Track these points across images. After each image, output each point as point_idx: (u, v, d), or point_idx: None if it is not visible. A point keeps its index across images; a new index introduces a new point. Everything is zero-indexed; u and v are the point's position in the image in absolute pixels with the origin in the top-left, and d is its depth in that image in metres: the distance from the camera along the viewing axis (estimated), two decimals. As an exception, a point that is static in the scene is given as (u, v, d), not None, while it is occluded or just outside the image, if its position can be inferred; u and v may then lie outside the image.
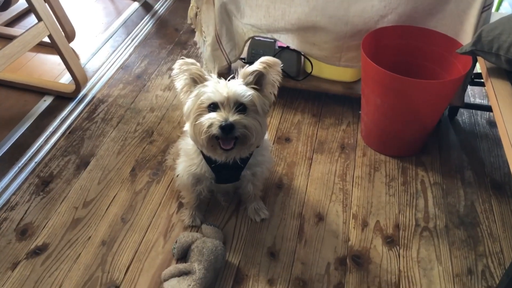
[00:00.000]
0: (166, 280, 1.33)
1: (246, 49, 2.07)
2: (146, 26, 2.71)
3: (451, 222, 1.59)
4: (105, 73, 2.30)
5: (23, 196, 1.64)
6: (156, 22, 2.76)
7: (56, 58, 2.33)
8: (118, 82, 2.23)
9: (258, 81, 1.27)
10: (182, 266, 1.32)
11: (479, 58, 1.52)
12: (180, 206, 1.62)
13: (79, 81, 2.10)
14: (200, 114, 1.24)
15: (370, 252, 1.49)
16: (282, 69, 2.12)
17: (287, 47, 2.02)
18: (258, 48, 2.04)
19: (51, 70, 2.33)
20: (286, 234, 1.54)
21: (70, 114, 2.03)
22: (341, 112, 2.07)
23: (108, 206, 1.61)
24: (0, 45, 1.84)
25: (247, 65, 1.27)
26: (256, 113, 1.26)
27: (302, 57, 2.09)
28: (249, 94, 1.22)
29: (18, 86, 2.17)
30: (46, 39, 1.98)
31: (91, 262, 1.43)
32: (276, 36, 1.92)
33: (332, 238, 1.53)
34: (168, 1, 2.98)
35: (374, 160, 1.83)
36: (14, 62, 1.89)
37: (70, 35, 2.46)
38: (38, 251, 1.46)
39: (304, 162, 1.81)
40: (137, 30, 2.66)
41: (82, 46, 2.53)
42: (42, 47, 2.44)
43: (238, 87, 1.23)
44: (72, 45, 2.46)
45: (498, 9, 2.46)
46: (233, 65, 2.10)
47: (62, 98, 2.12)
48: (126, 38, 2.58)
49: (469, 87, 2.15)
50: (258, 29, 1.91)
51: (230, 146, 1.24)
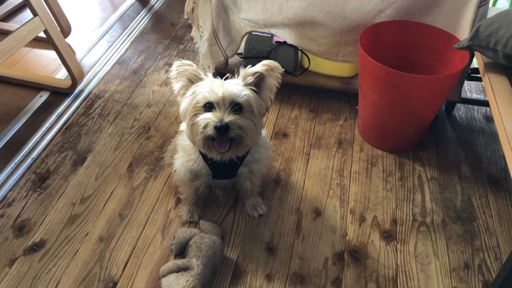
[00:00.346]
0: (164, 276, 1.33)
1: (243, 44, 2.06)
2: (142, 21, 2.69)
3: (448, 217, 1.60)
4: (101, 68, 2.29)
5: (20, 192, 1.64)
6: (152, 17, 2.74)
7: (51, 54, 2.32)
8: (114, 78, 2.22)
9: (257, 83, 1.27)
10: (180, 262, 1.32)
11: (476, 53, 1.52)
12: (178, 201, 1.61)
13: (75, 76, 2.09)
14: (196, 114, 1.24)
15: (367, 247, 1.50)
16: (279, 64, 2.11)
17: (284, 42, 2.01)
18: (255, 43, 2.03)
19: (47, 65, 2.32)
20: (284, 229, 1.54)
21: (66, 110, 2.02)
22: (338, 107, 2.07)
23: (105, 202, 1.61)
24: (-5, 40, 1.83)
25: (249, 66, 1.27)
26: (251, 113, 1.25)
27: (299, 52, 2.09)
28: (244, 94, 1.22)
29: (13, 81, 2.16)
30: (42, 34, 1.97)
31: (89, 258, 1.43)
32: (273, 31, 1.92)
33: (329, 233, 1.53)
34: (164, -5, 2.97)
35: (371, 155, 1.83)
36: (9, 57, 1.87)
37: (65, 30, 2.45)
38: (35, 248, 1.46)
39: (301, 157, 1.82)
40: (133, 25, 2.65)
41: (78, 41, 2.51)
42: (37, 42, 2.42)
43: (234, 87, 1.22)
44: (68, 40, 2.45)
45: (494, 4, 2.46)
46: (233, 64, 2.09)
47: (58, 94, 2.11)
48: (122, 33, 2.57)
49: (465, 82, 2.15)
50: (255, 24, 1.90)
51: (225, 149, 1.24)
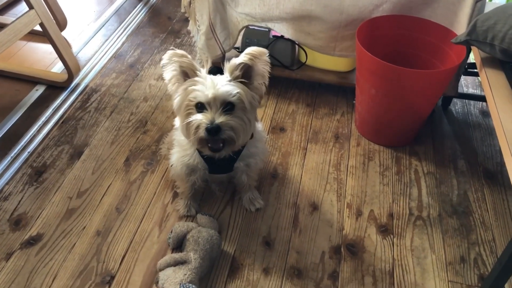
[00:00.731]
0: (161, 269, 1.33)
1: (240, 38, 2.06)
2: (138, 14, 2.68)
3: (444, 211, 1.60)
4: (97, 62, 2.28)
5: (16, 186, 1.63)
6: (149, 10, 2.73)
7: (47, 47, 2.30)
8: (111, 71, 2.21)
9: (246, 73, 1.25)
10: (177, 256, 1.32)
11: (473, 48, 1.52)
12: (175, 196, 1.61)
13: (72, 70, 2.08)
14: (189, 113, 1.24)
15: (364, 241, 1.50)
16: (276, 59, 2.11)
17: (282, 37, 2.01)
18: (253, 37, 2.03)
19: (43, 59, 2.30)
20: (281, 223, 1.55)
21: (62, 104, 2.01)
22: (335, 102, 2.07)
23: (102, 196, 1.61)
24: (-10, 33, 1.81)
25: (233, 57, 1.24)
26: (243, 110, 1.24)
27: (297, 46, 2.09)
28: (236, 93, 1.20)
29: (9, 75, 2.14)
30: (38, 28, 1.95)
31: (86, 252, 1.43)
32: (270, 25, 1.91)
33: (326, 227, 1.54)
34: (160, -11, 2.96)
35: (368, 149, 1.84)
36: (5, 50, 1.86)
37: (61, 24, 2.43)
38: (32, 241, 1.45)
39: (298, 152, 1.82)
40: (129, 19, 2.63)
41: (74, 34, 2.50)
42: (33, 36, 2.40)
43: (225, 87, 1.20)
44: (64, 33, 2.42)
45: (491, -1, 2.46)
46: (230, 58, 2.08)
47: (54, 88, 2.10)
48: (118, 27, 2.56)
49: (462, 77, 2.16)
50: (252, 18, 1.89)
51: (218, 147, 1.24)
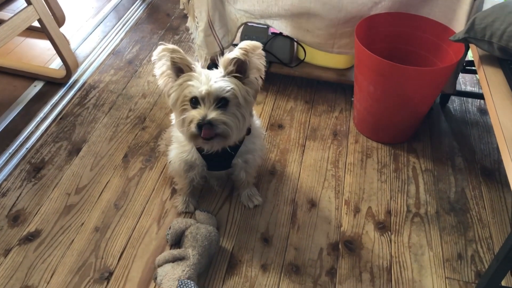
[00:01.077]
0: (160, 265, 1.34)
1: (239, 35, 2.06)
2: (137, 11, 2.67)
3: (442, 208, 1.61)
4: (96, 58, 2.27)
5: (15, 182, 1.63)
6: (147, 7, 2.72)
7: (45, 43, 2.30)
8: (109, 68, 2.21)
9: (241, 67, 1.23)
10: (176, 252, 1.33)
11: (472, 46, 1.53)
12: (173, 192, 1.62)
13: (70, 66, 2.08)
14: (184, 108, 1.24)
15: (362, 237, 1.51)
16: (275, 56, 2.11)
17: (280, 34, 2.01)
18: (251, 34, 2.03)
19: (41, 55, 2.30)
20: (279, 220, 1.55)
21: (61, 100, 2.00)
22: (333, 99, 2.07)
23: (100, 193, 1.61)
24: (-12, 29, 1.81)
25: (226, 51, 1.22)
26: (237, 106, 1.23)
27: (295, 43, 2.09)
28: (230, 89, 1.19)
29: (7, 71, 2.14)
30: (36, 24, 1.95)
31: (85, 248, 1.43)
32: (269, 22, 1.91)
33: (324, 224, 1.54)
34: (159, -15, 2.95)
35: (366, 147, 1.84)
36: (3, 46, 1.86)
37: (60, 20, 2.42)
38: (30, 237, 1.45)
39: (297, 148, 1.82)
40: (128, 15, 2.63)
41: (72, 31, 2.49)
42: (31, 32, 2.40)
43: (218, 82, 1.19)
44: (62, 30, 2.42)
45: (490, -4, 2.46)
46: (225, 51, 2.08)
47: (53, 84, 2.09)
48: (117, 23, 2.55)
49: (460, 75, 2.16)
50: (251, 15, 1.89)
51: (210, 135, 1.21)
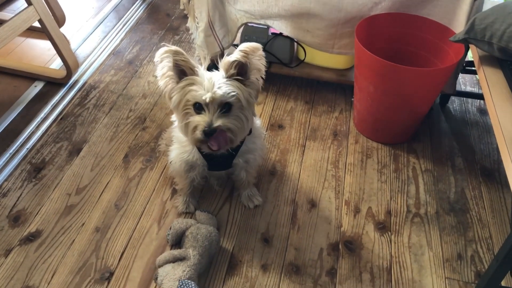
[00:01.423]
0: (160, 266, 1.34)
1: (239, 35, 2.06)
2: (137, 11, 2.68)
3: (442, 208, 1.61)
4: (96, 58, 2.27)
5: (15, 182, 1.63)
6: (147, 7, 2.72)
7: (46, 43, 2.30)
8: (109, 68, 2.21)
9: (241, 69, 1.23)
10: (176, 252, 1.33)
11: (471, 46, 1.53)
12: (173, 192, 1.62)
13: (70, 66, 2.08)
14: (187, 112, 1.24)
15: (362, 238, 1.51)
16: (275, 56, 2.11)
17: (280, 34, 2.01)
18: (251, 34, 2.03)
19: (41, 55, 2.30)
20: (280, 220, 1.55)
21: (61, 100, 2.01)
22: (333, 99, 2.08)
23: (101, 193, 1.61)
24: (-11, 29, 1.81)
25: (226, 54, 1.22)
26: (241, 108, 1.24)
27: (295, 44, 2.09)
28: (233, 93, 1.20)
29: (7, 71, 2.14)
30: (36, 24, 1.95)
31: (85, 249, 1.43)
32: (269, 22, 1.91)
33: (324, 224, 1.55)
34: (159, -15, 2.95)
35: (366, 147, 1.84)
36: (3, 47, 1.86)
37: (60, 20, 2.42)
38: (31, 238, 1.46)
39: (297, 149, 1.82)
40: (128, 15, 2.63)
41: (73, 31, 2.49)
42: (31, 32, 2.40)
43: (222, 88, 1.19)
44: (62, 30, 2.42)
45: (490, -3, 2.46)
46: (225, 52, 2.08)
47: (53, 84, 2.10)
48: (117, 23, 2.55)
49: (460, 75, 2.16)
50: (251, 15, 1.89)
51: (217, 148, 1.24)
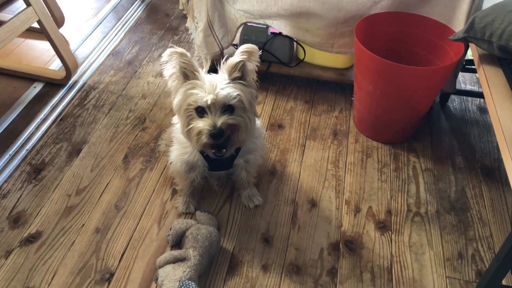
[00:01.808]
0: (161, 266, 1.34)
1: (238, 35, 2.06)
2: (136, 11, 2.67)
3: (442, 207, 1.61)
4: (95, 59, 2.27)
5: (15, 183, 1.63)
6: (146, 7, 2.72)
7: (45, 44, 2.30)
8: (109, 68, 2.21)
9: (240, 71, 1.24)
10: (177, 253, 1.33)
11: (471, 45, 1.53)
12: (174, 193, 1.62)
13: (70, 67, 2.07)
14: (189, 115, 1.24)
15: (362, 237, 1.51)
16: (275, 55, 2.11)
17: (280, 33, 2.01)
18: (251, 34, 2.03)
19: (41, 56, 2.30)
20: (280, 220, 1.55)
21: (61, 101, 2.00)
22: (333, 98, 2.07)
23: (101, 194, 1.61)
24: (-12, 30, 1.81)
25: (226, 56, 1.24)
26: (243, 110, 1.24)
27: (295, 43, 2.08)
28: (236, 95, 1.20)
29: (7, 72, 2.14)
30: (35, 25, 1.95)
31: (86, 250, 1.43)
32: (268, 22, 1.91)
33: (325, 224, 1.54)
34: (158, -14, 2.94)
35: (366, 146, 1.84)
36: (2, 48, 1.85)
37: (59, 21, 2.42)
38: (31, 239, 1.46)
39: (297, 148, 1.82)
40: (127, 16, 2.63)
41: (72, 31, 2.49)
42: (31, 33, 2.40)
43: (224, 90, 1.19)
44: (61, 30, 2.42)
45: (489, -5, 2.46)
46: (228, 55, 2.07)
47: (52, 85, 2.09)
48: (116, 24, 2.55)
49: (460, 73, 2.16)
50: (250, 15, 1.89)
51: (222, 153, 1.26)
